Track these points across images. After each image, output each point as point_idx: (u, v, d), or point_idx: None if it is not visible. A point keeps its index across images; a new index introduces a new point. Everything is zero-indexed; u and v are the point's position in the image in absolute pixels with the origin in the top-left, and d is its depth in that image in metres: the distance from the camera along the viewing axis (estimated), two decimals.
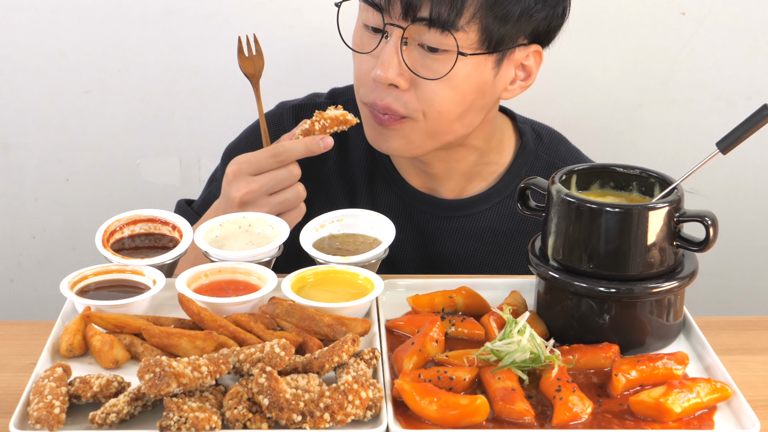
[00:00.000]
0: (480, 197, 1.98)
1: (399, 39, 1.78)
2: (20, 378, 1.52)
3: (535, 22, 1.81)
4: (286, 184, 1.79)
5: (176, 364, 1.34)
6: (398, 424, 1.37)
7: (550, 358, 1.45)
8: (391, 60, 1.78)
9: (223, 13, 2.48)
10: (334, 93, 2.07)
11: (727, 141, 1.52)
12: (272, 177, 1.78)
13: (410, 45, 1.78)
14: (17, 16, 2.46)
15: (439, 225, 1.99)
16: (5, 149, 2.56)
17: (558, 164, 2.00)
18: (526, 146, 2.00)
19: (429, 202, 1.98)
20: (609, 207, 1.50)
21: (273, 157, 1.78)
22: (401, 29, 1.77)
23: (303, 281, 1.61)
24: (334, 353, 1.42)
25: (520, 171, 1.99)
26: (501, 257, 1.99)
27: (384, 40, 1.79)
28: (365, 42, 1.83)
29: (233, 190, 1.78)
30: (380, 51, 1.80)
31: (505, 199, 1.98)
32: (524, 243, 1.95)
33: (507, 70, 1.84)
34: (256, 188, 1.77)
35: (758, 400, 1.49)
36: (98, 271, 1.61)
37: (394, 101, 1.81)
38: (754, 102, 2.52)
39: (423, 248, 1.99)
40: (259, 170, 1.78)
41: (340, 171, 2.03)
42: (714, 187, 2.59)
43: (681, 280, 1.53)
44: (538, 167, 2.00)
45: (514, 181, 1.98)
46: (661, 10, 2.49)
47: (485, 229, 1.98)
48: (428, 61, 1.78)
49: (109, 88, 2.52)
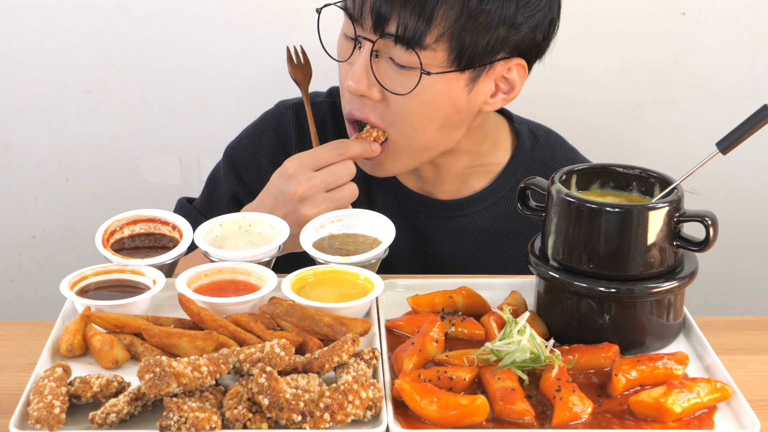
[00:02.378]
0: (475, 197, 1.98)
1: (369, 51, 1.77)
2: (20, 378, 1.52)
3: (516, 38, 1.77)
4: (344, 180, 1.79)
5: (176, 364, 1.34)
6: (398, 424, 1.37)
7: (550, 358, 1.45)
8: (362, 72, 1.78)
9: (223, 13, 2.48)
10: (333, 92, 2.07)
11: (727, 141, 1.52)
12: (332, 172, 1.78)
13: (381, 58, 1.78)
14: (17, 16, 2.46)
15: (435, 225, 1.98)
16: (5, 149, 2.56)
17: (554, 165, 1.99)
18: (522, 147, 1.99)
19: (424, 203, 1.98)
20: (609, 207, 1.50)
21: (334, 149, 1.79)
22: (371, 42, 1.76)
23: (303, 281, 1.61)
24: (334, 353, 1.42)
25: (516, 172, 1.98)
26: (496, 257, 1.99)
27: (357, 50, 1.80)
28: (344, 50, 1.83)
29: (293, 185, 1.77)
30: (354, 61, 1.80)
31: (501, 200, 1.98)
32: (519, 243, 1.96)
33: (485, 84, 1.81)
34: (317, 183, 1.77)
35: (758, 400, 1.48)
36: (98, 271, 1.61)
37: (371, 111, 1.81)
38: (754, 102, 2.52)
39: (418, 248, 1.99)
40: (320, 164, 1.78)
41: None
42: (714, 187, 2.59)
43: (681, 280, 1.53)
44: (534, 168, 1.99)
45: (509, 181, 1.98)
46: (661, 10, 2.49)
47: (480, 230, 1.98)
48: (398, 76, 1.77)
49: (109, 88, 2.52)
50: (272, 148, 2.01)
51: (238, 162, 2.02)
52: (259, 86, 2.52)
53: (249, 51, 2.50)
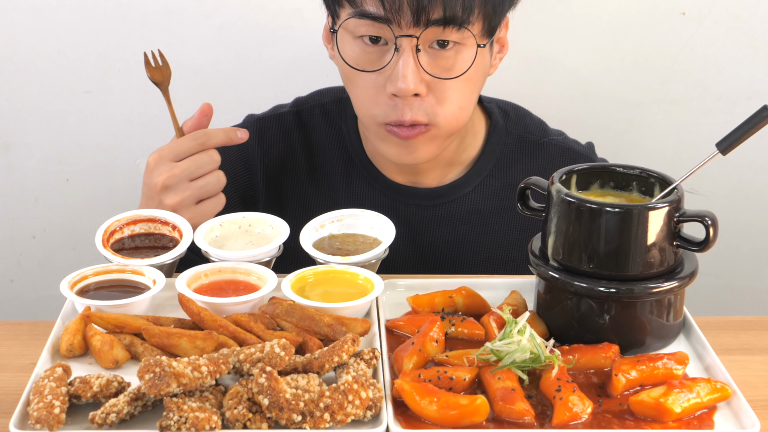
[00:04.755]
0: (461, 181, 1.99)
1: (413, 48, 1.75)
2: (20, 378, 1.52)
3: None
4: (208, 168, 1.77)
5: (176, 364, 1.34)
6: (398, 424, 1.37)
7: (550, 358, 1.45)
8: (411, 70, 1.75)
9: (223, 13, 2.48)
10: (298, 101, 2.07)
11: (726, 142, 1.52)
12: (194, 161, 1.77)
13: (422, 50, 1.76)
14: (17, 16, 2.46)
15: (425, 215, 1.99)
16: (5, 149, 2.56)
17: (528, 137, 2.02)
18: (496, 125, 2.01)
19: (412, 194, 1.99)
20: (609, 207, 1.50)
21: (194, 140, 1.77)
22: (414, 38, 1.74)
23: (303, 281, 1.61)
24: (334, 353, 1.42)
25: (495, 149, 2.00)
26: (490, 236, 2.01)
27: (395, 53, 1.76)
28: (372, 59, 1.79)
29: (155, 175, 1.77)
30: (392, 65, 1.77)
31: (486, 179, 1.99)
32: (510, 217, 1.98)
33: (494, 47, 1.88)
34: (177, 172, 1.76)
35: (758, 400, 1.48)
36: (98, 271, 1.61)
37: (418, 112, 1.79)
38: (754, 102, 2.52)
39: (412, 241, 1.99)
40: (180, 155, 1.77)
41: (312, 178, 2.02)
42: (714, 187, 2.59)
43: (681, 280, 1.53)
44: (510, 143, 2.01)
45: (490, 160, 2.00)
46: (661, 10, 2.49)
47: (472, 211, 2.00)
48: (441, 61, 1.77)
49: (109, 88, 2.52)
50: (234, 164, 2.00)
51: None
52: (259, 86, 2.52)
53: (249, 51, 2.50)
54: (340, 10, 1.80)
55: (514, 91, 2.49)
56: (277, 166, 2.03)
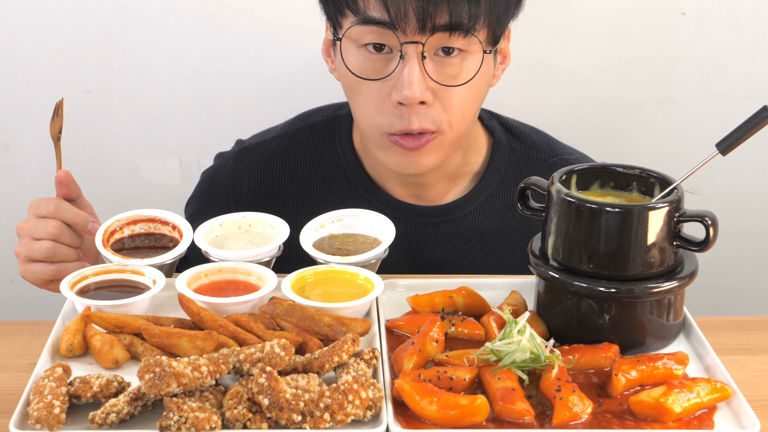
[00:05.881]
0: (463, 199, 1.96)
1: (419, 55, 1.73)
2: (20, 378, 1.52)
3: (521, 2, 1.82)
4: (41, 235, 1.74)
5: (176, 364, 1.34)
6: (398, 424, 1.37)
7: (550, 358, 1.45)
8: (417, 77, 1.73)
9: (223, 13, 2.48)
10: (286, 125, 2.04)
11: (726, 142, 1.52)
12: (36, 223, 1.75)
13: (428, 57, 1.74)
14: (17, 16, 2.46)
15: (426, 232, 1.96)
16: (5, 149, 2.56)
17: (536, 154, 1.99)
18: (499, 141, 1.97)
19: (413, 211, 1.95)
20: (609, 207, 1.50)
21: (52, 205, 1.76)
22: (420, 45, 1.72)
23: (303, 281, 1.61)
24: (334, 353, 1.42)
25: (499, 167, 1.97)
26: (491, 256, 1.98)
27: (400, 60, 1.74)
28: (377, 67, 1.77)
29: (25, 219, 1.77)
30: (397, 73, 1.75)
31: (489, 198, 1.96)
32: (513, 239, 1.95)
33: (498, 57, 1.86)
34: (26, 227, 1.76)
35: (758, 400, 1.48)
36: (98, 271, 1.61)
37: (425, 120, 1.77)
38: (754, 102, 2.52)
39: (412, 258, 1.96)
40: (38, 213, 1.76)
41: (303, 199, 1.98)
42: (714, 187, 2.59)
43: (681, 280, 1.53)
44: (516, 159, 1.98)
45: (494, 178, 1.96)
46: (661, 10, 2.49)
47: (473, 231, 1.96)
48: (447, 69, 1.75)
49: (109, 88, 2.52)
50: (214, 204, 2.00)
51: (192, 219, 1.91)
52: (259, 86, 2.52)
53: (249, 51, 2.50)
54: (342, 20, 1.78)
55: (514, 91, 2.50)
56: (260, 194, 1.99)
